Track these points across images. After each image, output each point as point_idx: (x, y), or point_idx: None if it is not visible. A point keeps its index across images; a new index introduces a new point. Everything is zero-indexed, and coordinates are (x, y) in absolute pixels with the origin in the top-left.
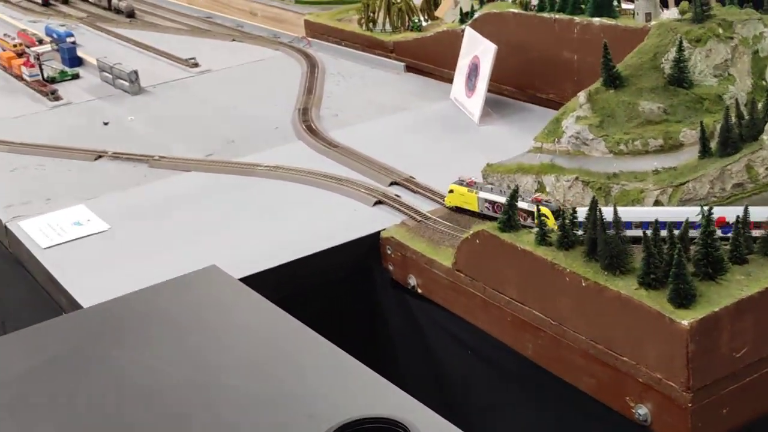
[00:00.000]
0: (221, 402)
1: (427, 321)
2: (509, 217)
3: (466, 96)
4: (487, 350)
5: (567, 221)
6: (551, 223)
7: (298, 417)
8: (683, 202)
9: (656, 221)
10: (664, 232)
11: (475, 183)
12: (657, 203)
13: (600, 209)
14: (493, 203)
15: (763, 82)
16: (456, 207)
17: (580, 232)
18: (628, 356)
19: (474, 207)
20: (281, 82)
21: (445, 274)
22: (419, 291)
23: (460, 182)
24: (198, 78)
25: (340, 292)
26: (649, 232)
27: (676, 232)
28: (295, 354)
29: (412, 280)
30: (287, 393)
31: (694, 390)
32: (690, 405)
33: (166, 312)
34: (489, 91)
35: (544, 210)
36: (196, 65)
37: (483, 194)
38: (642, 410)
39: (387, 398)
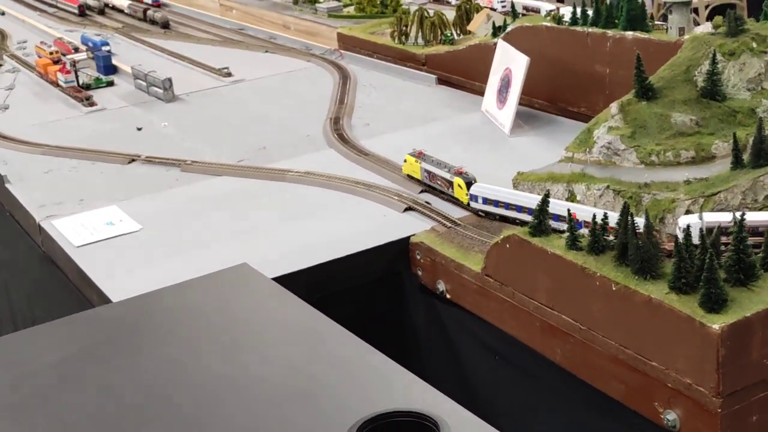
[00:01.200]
0: (251, 394)
1: (455, 326)
2: (540, 221)
3: (498, 108)
4: (515, 355)
5: (598, 226)
6: (462, 194)
7: (328, 409)
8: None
9: (687, 226)
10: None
11: (423, 155)
12: (688, 213)
13: (632, 214)
14: (430, 173)
15: None
16: (408, 175)
17: (611, 238)
18: (657, 361)
19: (418, 175)
20: (313, 92)
21: (474, 279)
22: (448, 296)
23: (413, 154)
24: (231, 87)
25: (369, 297)
26: (681, 237)
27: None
28: (325, 349)
29: (441, 285)
30: (318, 386)
31: (724, 395)
32: (719, 410)
33: (196, 307)
34: (520, 104)
35: (458, 181)
36: (229, 75)
37: (424, 165)
38: (671, 416)
39: (417, 394)
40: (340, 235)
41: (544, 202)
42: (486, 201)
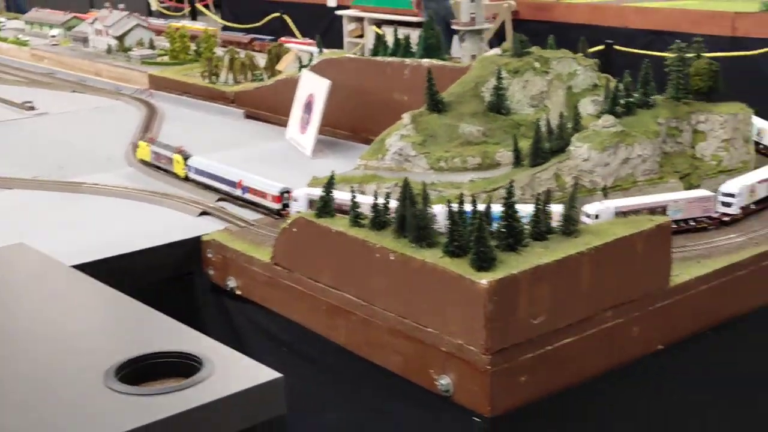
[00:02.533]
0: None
1: (245, 322)
2: (325, 203)
3: (301, 133)
4: (302, 344)
5: (380, 203)
6: (180, 167)
7: (86, 354)
8: None
9: (461, 196)
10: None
11: (154, 141)
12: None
13: (409, 186)
14: (156, 154)
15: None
16: (142, 160)
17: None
18: (432, 327)
19: (148, 157)
20: (119, 125)
21: (263, 271)
22: (238, 292)
23: (144, 140)
24: (33, 119)
25: (158, 297)
26: (454, 204)
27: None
28: (91, 306)
29: (231, 282)
30: (76, 334)
31: (493, 352)
32: (489, 368)
33: None
34: (324, 134)
35: (177, 157)
36: (32, 108)
37: (152, 147)
38: (445, 380)
39: (180, 337)
40: (131, 236)
41: (329, 184)
42: (198, 171)
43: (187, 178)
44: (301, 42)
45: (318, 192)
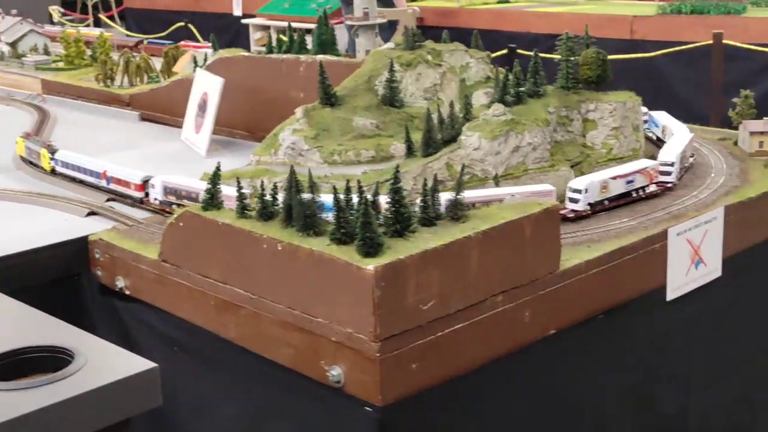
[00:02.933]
0: None
1: (135, 322)
2: (212, 196)
3: (195, 132)
4: (193, 342)
5: (266, 193)
6: (46, 161)
7: None
8: None
9: (347, 183)
10: None
11: (30, 136)
12: None
13: (296, 175)
14: (29, 149)
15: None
16: (21, 156)
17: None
18: (322, 317)
19: (23, 153)
20: (8, 131)
21: (151, 268)
22: (127, 292)
23: (23, 136)
24: None
25: (45, 299)
26: (336, 183)
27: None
28: None
29: (120, 282)
30: None
31: (382, 339)
32: (378, 355)
33: None
34: (221, 134)
35: (43, 152)
36: None
37: (26, 143)
38: (336, 371)
39: (53, 331)
40: (15, 238)
41: (215, 176)
42: (64, 165)
43: (54, 172)
44: (197, 45)
45: (174, 179)
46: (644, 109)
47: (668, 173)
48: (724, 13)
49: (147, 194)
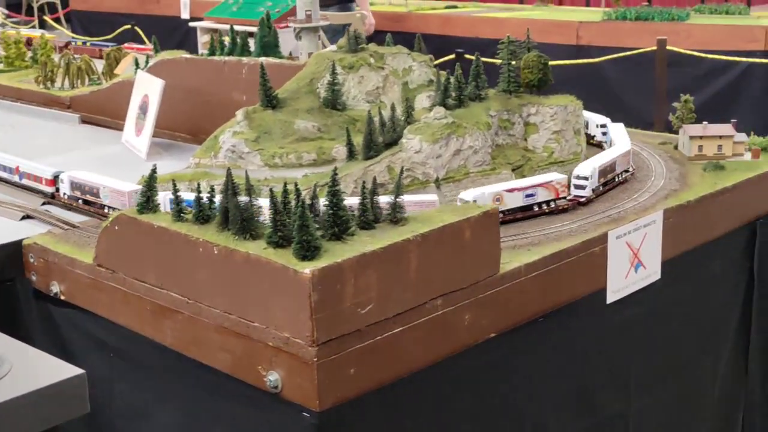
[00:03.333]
0: None
1: (71, 328)
2: (148, 199)
3: (136, 135)
4: (129, 348)
5: (203, 197)
6: None
7: None
8: None
9: (285, 185)
10: None
11: None
12: None
13: (232, 177)
14: None
15: (413, 111)
16: None
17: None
18: (259, 321)
19: None
20: None
21: (87, 273)
22: (62, 297)
23: None
24: None
25: None
26: (276, 187)
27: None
28: None
29: (55, 287)
30: None
31: (319, 343)
32: (316, 360)
33: None
34: (162, 136)
35: None
36: None
37: None
38: (273, 376)
39: None
40: None
41: (151, 179)
42: None
43: None
44: (140, 48)
45: (80, 175)
46: (605, 119)
47: (582, 187)
48: (668, 20)
49: (57, 189)
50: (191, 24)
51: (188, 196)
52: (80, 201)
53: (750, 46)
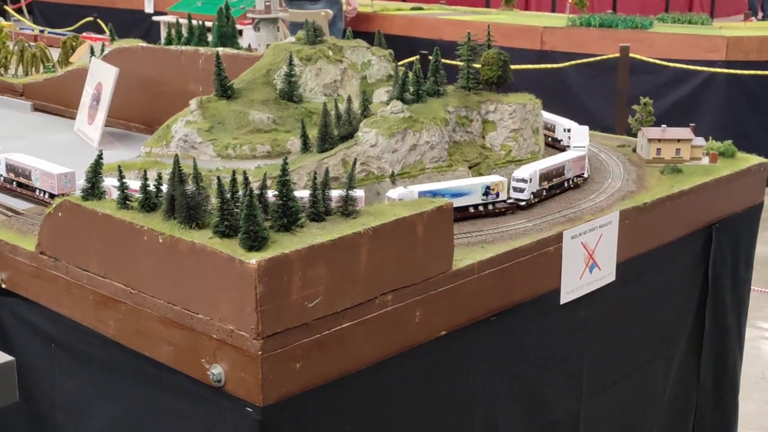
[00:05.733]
0: None
1: (11, 317)
2: (93, 185)
3: (88, 124)
4: (71, 339)
5: (150, 185)
6: None
7: None
8: None
9: (233, 172)
10: None
11: None
12: None
13: (180, 166)
14: None
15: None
16: None
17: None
18: (203, 313)
19: None
20: None
21: (29, 261)
22: (4, 286)
23: None
24: None
25: None
26: (225, 177)
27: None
28: None
29: None
30: None
31: (265, 337)
32: (261, 353)
33: None
34: (117, 126)
35: None
36: None
37: None
38: (216, 370)
39: None
40: None
41: (97, 164)
42: None
43: None
44: (98, 37)
45: (15, 157)
46: (571, 123)
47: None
48: (631, 28)
49: None
50: (155, 18)
51: (136, 184)
52: (14, 183)
53: (711, 55)
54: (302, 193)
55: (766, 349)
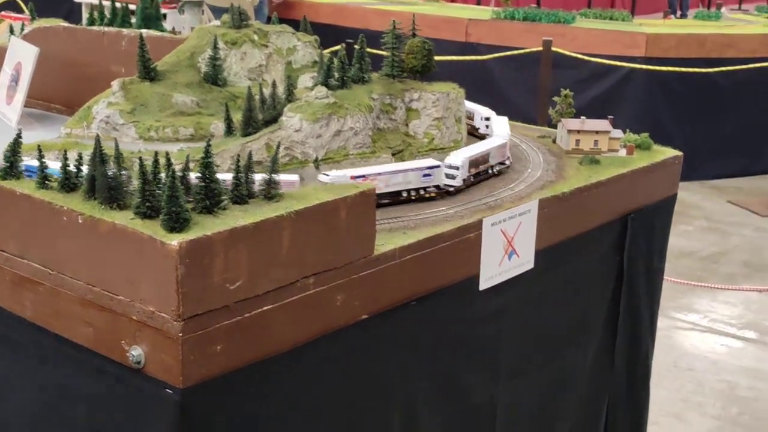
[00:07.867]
0: None
1: None
2: (12, 164)
3: (7, 104)
4: None
5: (69, 164)
6: None
7: None
8: None
9: (155, 154)
10: None
11: None
12: None
13: (101, 146)
14: None
15: (294, 90)
16: None
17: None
18: (123, 294)
19: None
20: None
21: None
22: None
23: None
24: None
25: None
26: (147, 159)
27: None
28: None
29: None
30: None
31: (185, 318)
32: (181, 335)
33: None
34: (37, 107)
35: None
36: None
37: None
38: (136, 351)
39: None
40: None
41: (16, 143)
42: None
43: None
44: (17, 16)
45: None
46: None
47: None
48: (554, 22)
49: None
50: (77, 0)
51: (56, 165)
52: None
53: (631, 51)
54: (225, 176)
55: (679, 339)
